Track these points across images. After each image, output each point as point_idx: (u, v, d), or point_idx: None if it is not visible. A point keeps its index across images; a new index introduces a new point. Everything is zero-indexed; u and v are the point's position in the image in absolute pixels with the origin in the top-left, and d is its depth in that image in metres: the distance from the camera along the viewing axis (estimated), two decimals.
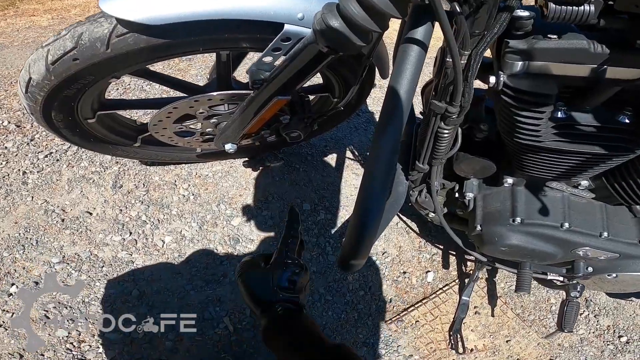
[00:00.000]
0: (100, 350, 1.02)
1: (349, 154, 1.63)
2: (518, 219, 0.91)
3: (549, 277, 1.13)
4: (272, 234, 1.34)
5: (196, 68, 1.88)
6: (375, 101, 1.90)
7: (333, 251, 1.34)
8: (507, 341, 1.26)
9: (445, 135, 0.80)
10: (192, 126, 1.10)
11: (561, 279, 1.12)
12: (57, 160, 1.38)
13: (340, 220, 1.43)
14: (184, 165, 1.45)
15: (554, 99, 0.66)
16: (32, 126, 1.47)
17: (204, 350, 1.07)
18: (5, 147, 1.39)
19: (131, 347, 1.04)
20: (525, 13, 0.59)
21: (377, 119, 1.86)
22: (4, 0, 2.40)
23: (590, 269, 0.99)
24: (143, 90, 1.70)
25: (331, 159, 1.60)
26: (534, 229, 0.91)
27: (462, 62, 0.63)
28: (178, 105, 0.95)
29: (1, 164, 1.34)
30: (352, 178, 1.56)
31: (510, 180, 0.92)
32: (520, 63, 0.64)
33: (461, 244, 1.10)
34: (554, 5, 0.54)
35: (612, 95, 0.66)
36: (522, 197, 0.92)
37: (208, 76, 1.18)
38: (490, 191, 0.98)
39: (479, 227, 0.97)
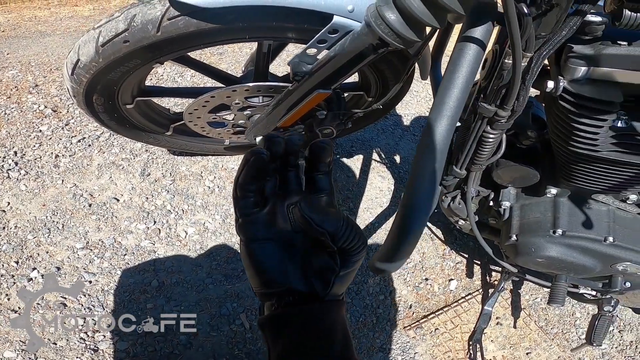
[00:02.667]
0: (114, 340, 1.00)
1: (375, 156, 1.60)
2: (559, 231, 0.86)
3: (581, 291, 1.09)
4: None
5: (227, 62, 1.87)
6: (403, 105, 1.87)
7: None
8: (527, 353, 1.22)
9: (491, 140, 0.76)
10: (225, 117, 1.08)
11: (593, 293, 1.08)
12: (89, 145, 1.37)
13: (364, 223, 1.39)
14: (210, 157, 1.43)
15: (616, 107, 0.62)
16: (67, 111, 1.47)
17: (218, 346, 1.04)
18: (40, 131, 1.39)
19: (145, 339, 1.01)
20: (598, 18, 0.56)
21: (409, 120, 1.81)
22: None
23: (628, 284, 0.95)
24: (175, 82, 1.69)
25: (357, 160, 1.57)
26: (576, 241, 0.87)
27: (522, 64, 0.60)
28: (215, 94, 0.93)
29: (35, 146, 1.33)
30: (377, 181, 1.52)
31: (553, 191, 0.88)
32: (583, 69, 0.61)
33: (492, 254, 1.05)
34: (629, 12, 0.51)
35: None
36: (565, 209, 0.88)
37: (243, 68, 1.16)
38: (530, 201, 0.93)
39: (514, 237, 0.93)
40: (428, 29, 0.63)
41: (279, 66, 1.74)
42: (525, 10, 0.51)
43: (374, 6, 0.61)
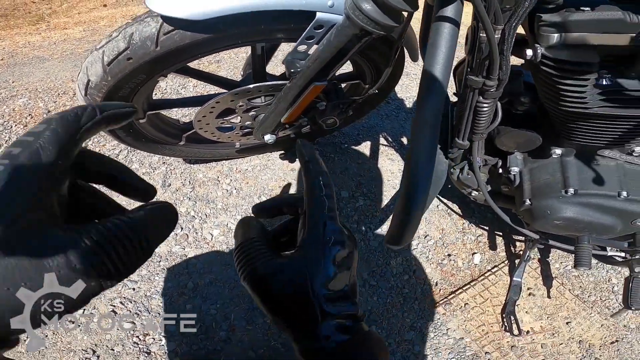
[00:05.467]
0: (163, 342, 1.10)
1: (382, 140, 1.65)
2: (571, 190, 0.89)
3: (610, 254, 1.10)
4: None
5: (225, 69, 1.97)
6: (403, 88, 1.92)
7: (374, 236, 1.37)
8: (567, 323, 1.22)
9: (485, 108, 0.81)
10: (232, 120, 1.16)
11: (622, 254, 1.08)
12: None
13: (379, 205, 1.45)
14: (224, 161, 1.53)
15: (597, 66, 0.67)
16: None
17: (255, 338, 1.13)
18: None
19: (189, 339, 1.11)
20: None
21: (411, 103, 1.85)
22: (32, 16, 2.57)
23: None
24: (179, 94, 1.80)
25: (365, 146, 1.63)
26: (589, 199, 0.89)
27: (496, 36, 0.65)
28: (220, 99, 1.02)
29: None
30: (387, 164, 1.58)
31: (558, 151, 0.91)
32: (556, 35, 0.66)
33: (509, 221, 1.09)
34: None
35: None
36: (573, 168, 0.91)
37: (242, 72, 1.25)
38: (537, 164, 0.97)
39: (528, 202, 0.96)
40: (405, 13, 0.68)
41: (276, 66, 1.81)
42: None
43: None
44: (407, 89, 1.94)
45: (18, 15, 2.55)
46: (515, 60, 0.76)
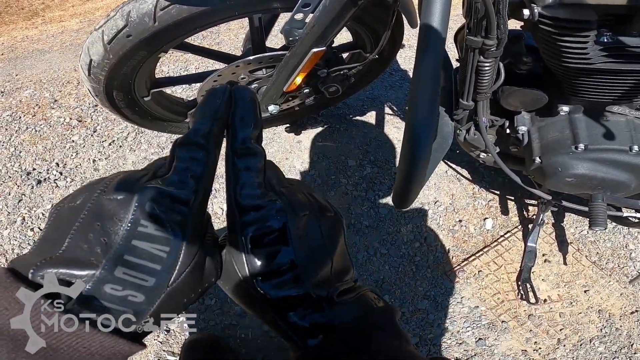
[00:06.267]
0: (181, 319, 1.17)
1: (387, 110, 1.68)
2: (581, 146, 0.90)
3: (625, 214, 1.10)
4: (321, 193, 1.43)
5: (225, 50, 2.00)
6: (406, 60, 1.93)
7: (384, 204, 1.41)
8: (585, 291, 1.22)
9: (487, 68, 0.83)
10: None
11: (638, 215, 1.08)
12: (120, 146, 1.57)
13: (387, 172, 1.49)
14: None
15: (595, 24, 0.68)
16: (92, 120, 1.67)
17: None
18: (73, 141, 1.59)
19: (206, 315, 1.18)
20: None
21: (411, 76, 1.88)
22: (25, 11, 2.63)
23: None
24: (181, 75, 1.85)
25: (370, 116, 1.66)
26: (600, 154, 0.90)
27: None
28: (221, 72, 1.06)
29: (72, 155, 1.54)
30: (393, 132, 1.61)
31: (566, 109, 0.92)
32: None
33: (520, 181, 1.10)
34: None
35: None
36: (582, 124, 0.91)
37: (242, 48, 1.28)
38: (545, 122, 0.98)
39: (538, 160, 0.97)
40: None
41: (275, 43, 1.83)
42: None
43: None
44: (410, 60, 1.95)
45: (11, 12, 2.61)
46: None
